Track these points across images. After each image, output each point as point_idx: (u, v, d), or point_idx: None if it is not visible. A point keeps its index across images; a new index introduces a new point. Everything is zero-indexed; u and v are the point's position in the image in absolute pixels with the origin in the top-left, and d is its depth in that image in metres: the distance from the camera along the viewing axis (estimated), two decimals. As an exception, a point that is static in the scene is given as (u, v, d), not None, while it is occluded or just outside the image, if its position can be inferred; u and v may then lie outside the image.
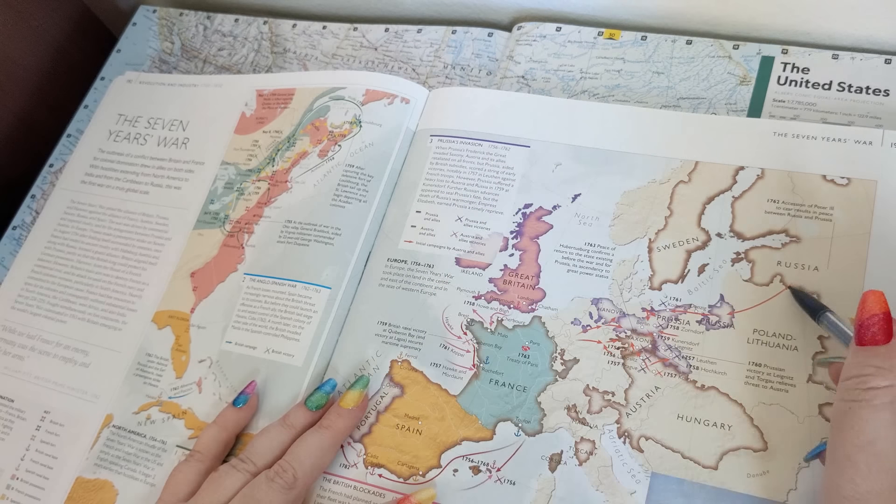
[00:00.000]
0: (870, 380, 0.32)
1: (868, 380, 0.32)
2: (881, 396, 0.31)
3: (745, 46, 0.51)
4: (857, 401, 0.32)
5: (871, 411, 0.31)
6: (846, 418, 0.32)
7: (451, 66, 0.57)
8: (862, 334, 0.33)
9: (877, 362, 0.32)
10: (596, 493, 0.39)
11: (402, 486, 0.41)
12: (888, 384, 0.31)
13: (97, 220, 0.56)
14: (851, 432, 0.31)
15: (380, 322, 0.46)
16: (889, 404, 0.31)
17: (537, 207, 0.47)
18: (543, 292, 0.44)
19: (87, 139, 0.61)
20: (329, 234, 0.49)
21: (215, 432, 0.43)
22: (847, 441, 0.31)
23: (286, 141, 0.54)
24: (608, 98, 0.52)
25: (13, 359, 0.52)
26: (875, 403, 0.31)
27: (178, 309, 0.50)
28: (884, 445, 0.30)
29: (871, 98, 0.47)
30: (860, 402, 0.31)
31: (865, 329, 0.33)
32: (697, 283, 0.42)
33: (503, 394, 0.42)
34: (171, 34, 0.66)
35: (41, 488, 0.47)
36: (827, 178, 0.43)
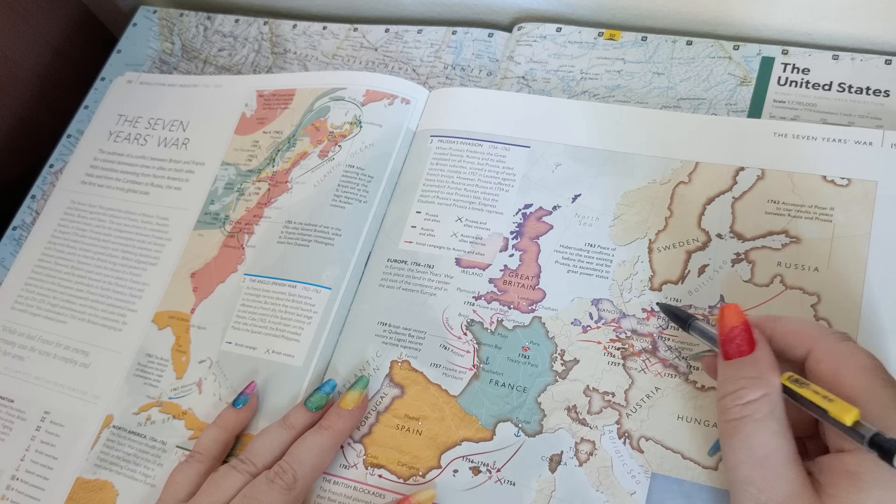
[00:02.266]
0: (745, 393, 0.32)
1: (743, 394, 0.32)
2: (760, 408, 0.31)
3: (745, 47, 0.51)
4: (739, 419, 0.32)
5: (756, 426, 0.31)
6: (734, 439, 0.32)
7: (451, 67, 0.57)
8: (727, 348, 0.34)
9: (746, 373, 0.33)
10: (596, 493, 0.39)
11: (402, 486, 0.41)
12: (763, 393, 0.32)
13: (97, 221, 0.56)
14: (743, 452, 0.31)
15: (380, 322, 0.46)
16: (770, 413, 0.31)
17: (537, 208, 0.47)
18: (543, 293, 0.44)
19: (88, 140, 0.61)
20: (329, 234, 0.49)
21: (215, 433, 0.43)
22: (741, 462, 0.31)
23: (286, 141, 0.54)
24: (608, 99, 0.52)
25: (13, 359, 0.52)
26: (757, 417, 0.31)
27: (178, 309, 0.50)
28: (777, 456, 0.30)
29: (871, 98, 0.47)
30: (743, 419, 0.32)
31: (729, 342, 0.34)
32: (697, 283, 0.42)
33: (503, 394, 0.42)
34: (171, 35, 0.66)
35: (41, 489, 0.47)
36: (827, 178, 0.43)
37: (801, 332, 0.33)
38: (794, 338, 0.33)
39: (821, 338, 0.33)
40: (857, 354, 0.32)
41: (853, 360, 0.31)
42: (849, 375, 0.31)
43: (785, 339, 0.34)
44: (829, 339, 0.32)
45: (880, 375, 0.31)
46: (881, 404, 0.29)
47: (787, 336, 0.34)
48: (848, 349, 0.32)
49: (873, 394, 0.30)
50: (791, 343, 0.33)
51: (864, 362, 0.31)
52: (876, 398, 0.30)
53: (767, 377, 0.32)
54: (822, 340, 0.32)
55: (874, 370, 0.31)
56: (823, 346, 0.32)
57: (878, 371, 0.31)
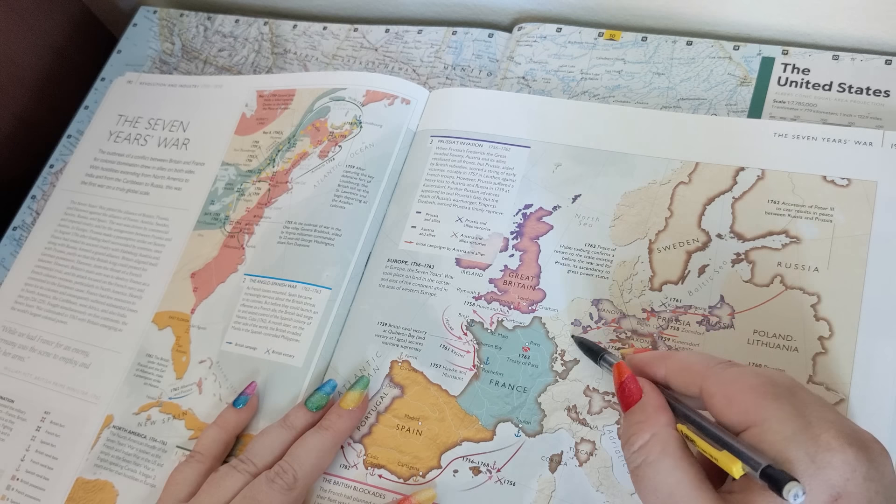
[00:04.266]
0: (635, 439, 0.33)
1: (634, 440, 0.33)
2: (651, 450, 0.32)
3: (745, 47, 0.51)
4: (638, 466, 0.32)
5: (652, 468, 0.31)
6: (640, 485, 0.32)
7: (451, 67, 0.57)
8: (622, 401, 0.35)
9: (636, 418, 0.33)
10: (596, 493, 0.39)
11: (403, 486, 0.41)
12: (650, 434, 0.32)
13: (97, 221, 0.56)
14: (651, 496, 0.31)
15: (380, 323, 0.46)
16: (662, 452, 0.32)
17: (537, 208, 0.47)
18: (544, 293, 0.44)
19: (88, 140, 0.61)
20: (329, 234, 0.49)
21: (215, 433, 0.43)
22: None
23: (286, 142, 0.54)
24: (608, 99, 0.52)
25: (13, 359, 0.52)
26: (650, 460, 0.32)
27: (178, 309, 0.50)
28: (681, 490, 0.30)
29: (871, 99, 0.47)
30: (640, 465, 0.32)
31: (621, 394, 0.35)
32: (698, 283, 0.42)
33: (503, 394, 0.42)
34: (171, 35, 0.66)
35: (41, 489, 0.47)
36: (827, 178, 0.43)
37: (689, 368, 0.34)
38: (685, 375, 0.34)
39: (707, 371, 0.33)
40: (743, 377, 0.31)
41: (740, 383, 0.31)
42: (739, 400, 0.31)
43: (678, 378, 0.34)
44: (715, 370, 0.32)
45: (769, 391, 0.30)
46: (774, 419, 0.29)
47: (679, 374, 0.34)
48: (733, 374, 0.32)
49: (764, 411, 0.30)
50: (684, 381, 0.34)
51: (750, 383, 0.31)
52: (767, 415, 0.30)
53: (654, 418, 0.33)
54: (708, 374, 0.32)
55: (762, 387, 0.31)
56: (711, 379, 0.32)
57: (767, 387, 0.31)
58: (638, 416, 0.33)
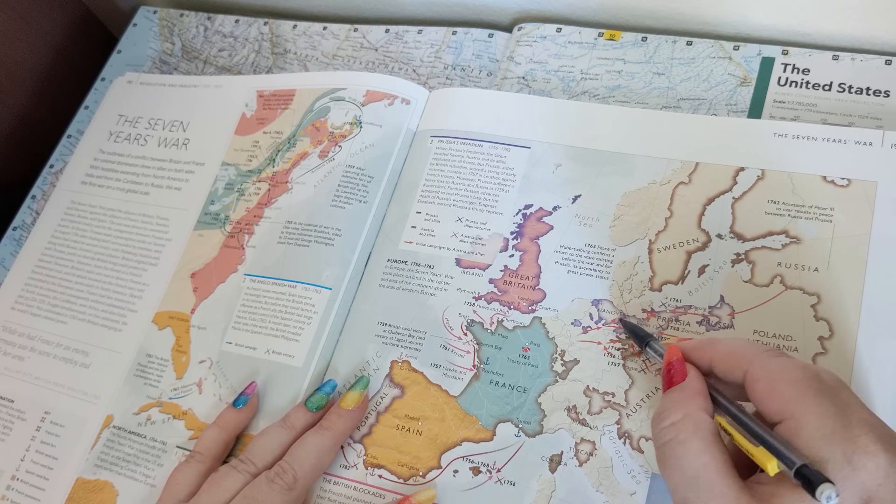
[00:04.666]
0: (667, 415, 0.33)
1: (665, 415, 0.33)
2: (683, 429, 0.32)
3: (745, 47, 0.51)
4: (665, 442, 0.32)
5: (682, 447, 0.31)
6: (666, 464, 0.32)
7: (451, 67, 0.57)
8: (665, 381, 0.35)
9: (674, 397, 0.34)
10: (596, 493, 0.39)
11: (403, 486, 0.41)
12: (683, 414, 0.32)
13: (97, 221, 0.56)
14: (676, 474, 0.31)
15: (380, 323, 0.46)
16: (694, 433, 0.32)
17: (538, 208, 0.47)
18: (544, 293, 0.44)
19: (88, 140, 0.61)
20: (329, 234, 0.49)
21: (215, 433, 0.43)
22: (677, 485, 0.31)
23: (286, 142, 0.54)
24: (608, 99, 0.52)
25: (13, 359, 0.52)
26: (681, 438, 0.32)
27: (178, 310, 0.50)
28: (706, 473, 0.30)
29: (871, 99, 0.47)
30: (668, 442, 0.32)
31: (666, 375, 0.35)
32: (698, 284, 0.42)
33: (503, 395, 0.42)
34: (171, 35, 0.66)
35: (41, 489, 0.47)
36: (827, 178, 0.43)
37: (736, 353, 0.34)
38: (731, 360, 0.34)
39: (754, 357, 0.33)
40: (789, 368, 0.32)
41: (784, 374, 0.31)
42: (781, 391, 0.31)
43: (724, 363, 0.34)
44: (762, 357, 0.33)
45: (812, 386, 0.30)
46: (814, 415, 0.29)
47: (725, 359, 0.34)
48: (779, 364, 0.32)
49: (805, 406, 0.30)
50: (729, 365, 0.34)
51: (795, 375, 0.31)
52: (808, 410, 0.30)
53: (691, 400, 0.33)
54: (755, 360, 0.33)
55: (806, 381, 0.31)
56: (757, 365, 0.32)
57: (811, 381, 0.31)
58: (676, 395, 0.34)
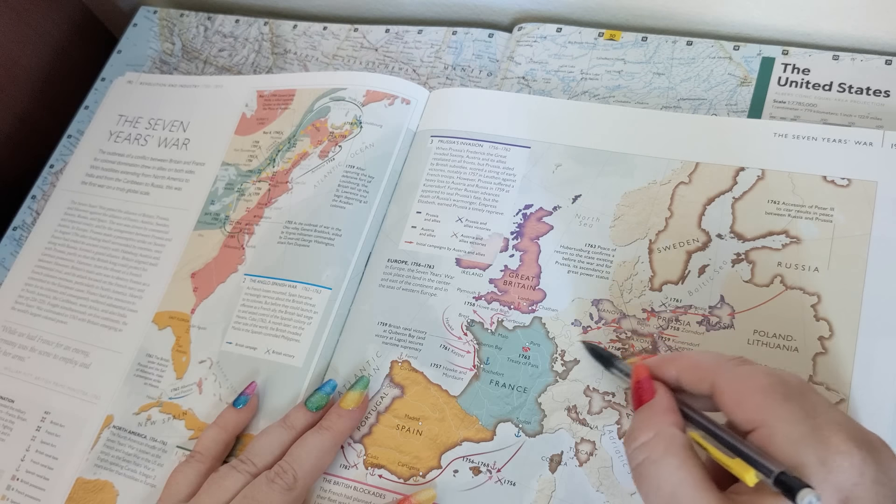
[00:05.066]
0: (638, 434, 0.32)
1: (637, 435, 0.32)
2: (655, 448, 0.31)
3: (745, 47, 0.51)
4: (640, 463, 0.32)
5: (655, 466, 0.31)
6: (642, 482, 0.32)
7: (451, 67, 0.57)
8: (635, 399, 0.35)
9: (643, 416, 0.33)
10: (596, 493, 0.39)
11: (403, 486, 0.41)
12: (654, 433, 0.32)
13: (98, 221, 0.56)
14: (653, 493, 0.31)
15: (380, 323, 0.46)
16: (665, 451, 0.31)
17: (538, 208, 0.47)
18: (544, 293, 0.44)
19: (88, 140, 0.61)
20: (329, 234, 0.49)
21: (215, 433, 0.43)
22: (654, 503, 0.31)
23: (287, 142, 0.54)
24: (609, 99, 0.52)
25: (14, 359, 0.52)
26: (654, 458, 0.31)
27: (178, 310, 0.50)
28: (685, 490, 0.30)
29: (871, 99, 0.47)
30: (642, 462, 0.32)
31: (634, 394, 0.35)
32: (698, 284, 0.42)
33: (503, 395, 0.42)
34: (171, 35, 0.66)
35: (41, 489, 0.47)
36: (827, 178, 0.43)
37: (700, 365, 0.34)
38: (696, 372, 0.34)
39: (718, 368, 0.33)
40: (753, 376, 0.31)
41: (750, 382, 0.31)
42: (749, 399, 0.31)
43: (689, 376, 0.34)
44: (726, 367, 0.32)
45: (779, 391, 0.30)
46: (784, 420, 0.29)
47: (690, 372, 0.34)
48: (744, 373, 0.32)
49: (774, 412, 0.30)
50: (696, 378, 0.34)
51: (760, 382, 0.31)
52: (777, 416, 0.30)
53: (660, 417, 0.33)
54: (719, 370, 0.32)
55: (772, 387, 0.30)
56: (721, 376, 0.32)
57: (777, 387, 0.30)
58: (645, 414, 0.33)
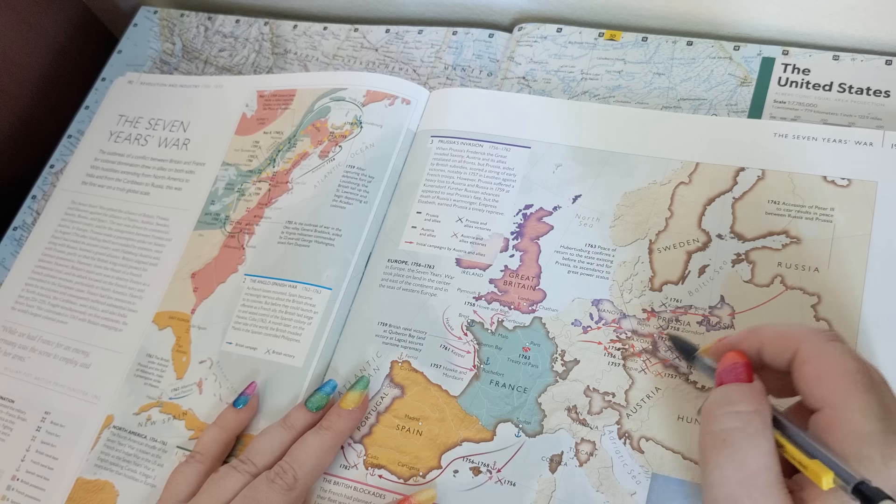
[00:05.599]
0: (737, 402, 0.30)
1: (735, 402, 0.31)
2: (753, 422, 0.30)
3: (745, 47, 0.51)
4: (730, 429, 0.30)
5: (749, 440, 0.29)
6: (722, 452, 0.30)
7: (451, 67, 0.57)
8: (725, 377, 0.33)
9: (743, 388, 0.31)
10: (596, 493, 0.39)
11: (403, 486, 0.41)
12: (755, 408, 0.30)
13: (98, 221, 0.56)
14: (731, 467, 0.29)
15: (380, 323, 0.46)
16: (763, 430, 0.30)
17: (538, 208, 0.47)
18: (544, 293, 0.44)
19: (88, 140, 0.61)
20: (329, 234, 0.49)
21: (215, 433, 0.43)
22: (727, 478, 0.29)
23: (287, 142, 0.54)
24: (609, 99, 0.52)
25: (14, 359, 0.52)
26: (750, 430, 0.30)
27: (178, 310, 0.50)
28: (766, 476, 0.29)
29: (871, 99, 0.47)
30: (733, 430, 0.30)
31: (728, 372, 0.33)
32: (698, 284, 0.42)
33: (503, 395, 0.42)
34: (171, 35, 0.66)
35: (41, 489, 0.47)
36: (827, 179, 0.43)
37: (787, 333, 0.32)
38: (782, 340, 0.32)
39: (808, 337, 0.31)
40: (842, 357, 0.30)
41: (836, 362, 0.30)
42: (831, 378, 0.30)
43: (774, 344, 0.33)
44: (817, 338, 0.31)
45: (861, 380, 0.29)
46: (859, 411, 0.29)
47: (775, 340, 0.33)
48: (834, 350, 0.31)
49: (852, 399, 0.29)
50: (780, 347, 0.32)
51: (847, 366, 0.30)
52: (854, 404, 0.29)
53: (760, 398, 0.31)
54: (808, 340, 0.31)
55: (857, 374, 0.30)
56: (810, 345, 0.31)
57: (861, 375, 0.30)
58: (745, 388, 0.31)
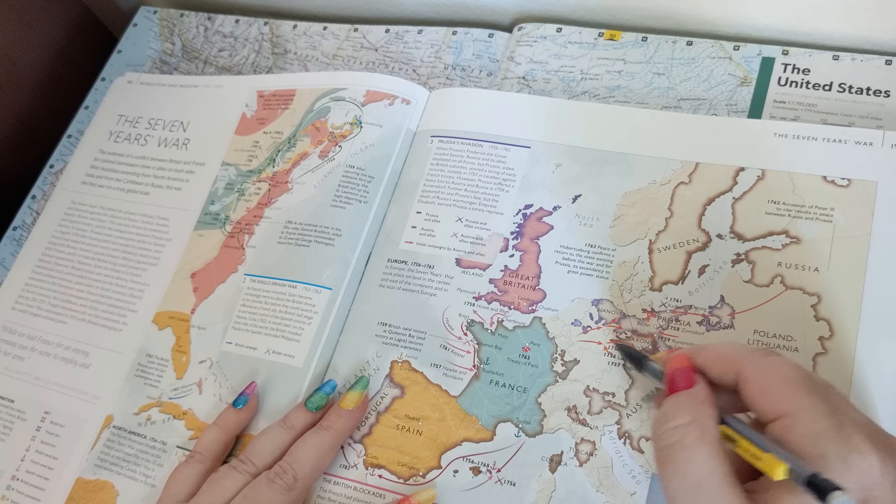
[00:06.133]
0: (674, 415, 0.32)
1: (673, 416, 0.32)
2: (690, 433, 0.31)
3: (745, 47, 0.51)
4: (670, 444, 0.31)
5: (687, 452, 0.31)
6: (668, 466, 0.31)
7: (451, 67, 0.57)
8: (670, 386, 0.34)
9: (681, 400, 0.33)
10: (596, 493, 0.39)
11: (403, 486, 0.41)
12: (692, 418, 0.31)
13: (98, 221, 0.56)
14: (677, 479, 0.30)
15: (380, 323, 0.46)
16: (700, 438, 0.31)
17: (538, 208, 0.47)
18: (544, 293, 0.44)
19: (88, 140, 0.61)
20: (329, 234, 0.49)
21: (215, 433, 0.43)
22: (677, 490, 0.30)
23: (287, 142, 0.54)
24: (609, 99, 0.52)
25: (14, 359, 0.52)
26: (687, 443, 0.31)
27: (178, 310, 0.50)
28: (712, 480, 0.29)
29: (871, 99, 0.47)
30: (673, 444, 0.31)
31: (671, 381, 0.34)
32: (698, 284, 0.42)
33: (503, 395, 0.42)
34: (171, 35, 0.66)
35: (41, 489, 0.47)
36: (827, 179, 0.43)
37: (725, 355, 0.34)
38: (722, 363, 0.33)
39: (745, 358, 0.33)
40: (781, 367, 0.31)
41: (777, 373, 0.31)
42: (775, 389, 0.31)
43: (715, 366, 0.34)
44: (753, 357, 0.32)
45: (805, 384, 0.30)
46: (808, 412, 0.29)
47: (716, 362, 0.34)
48: (771, 363, 0.32)
49: (799, 403, 0.30)
50: (721, 369, 0.33)
51: (787, 373, 0.31)
52: (803, 407, 0.30)
53: (698, 406, 0.32)
54: (746, 360, 0.32)
55: (798, 379, 0.31)
56: (748, 365, 0.32)
57: (803, 380, 0.31)
58: (683, 399, 0.33)
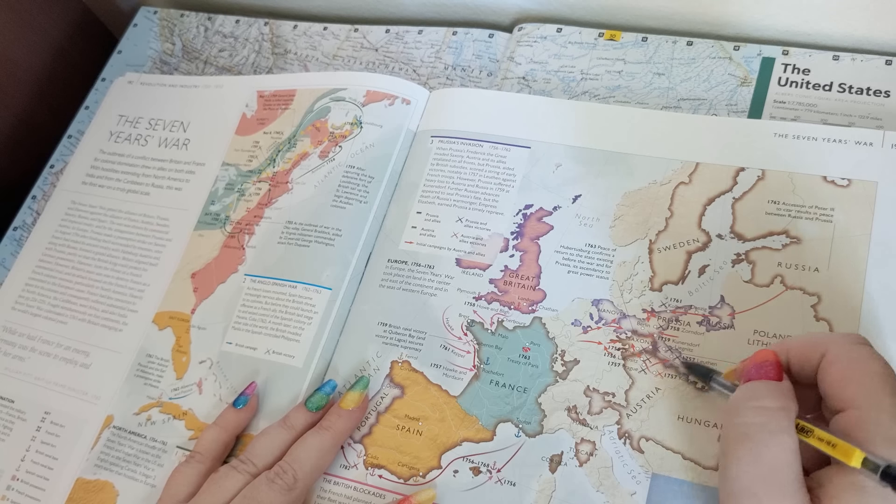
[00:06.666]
0: (763, 398, 0.31)
1: (761, 398, 0.31)
2: (778, 419, 0.30)
3: (745, 47, 0.51)
4: (753, 423, 0.30)
5: (772, 437, 0.29)
6: (743, 446, 0.30)
7: (451, 67, 0.57)
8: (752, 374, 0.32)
9: (770, 386, 0.32)
10: (596, 493, 0.39)
11: (403, 486, 0.41)
12: (781, 405, 0.30)
13: (98, 221, 0.56)
14: (751, 461, 0.29)
15: (380, 323, 0.46)
16: (787, 429, 0.30)
17: (538, 208, 0.47)
18: (544, 293, 0.44)
19: (88, 140, 0.61)
20: (330, 234, 0.49)
21: (215, 433, 0.43)
22: (746, 472, 0.29)
23: (287, 142, 0.54)
24: (609, 99, 0.52)
25: (14, 360, 0.52)
26: (772, 427, 0.30)
27: (178, 310, 0.50)
28: (786, 473, 0.29)
29: (871, 99, 0.47)
30: (757, 425, 0.30)
31: (757, 368, 0.33)
32: (698, 284, 0.42)
33: (503, 395, 0.42)
34: (171, 35, 0.66)
35: (41, 489, 0.47)
36: (827, 179, 0.43)
37: (816, 339, 0.33)
38: (809, 346, 0.33)
39: (836, 340, 0.32)
40: (870, 360, 0.31)
41: (864, 364, 0.31)
42: (857, 380, 0.30)
43: (800, 351, 0.33)
44: (845, 340, 0.32)
45: (889, 383, 0.30)
46: (886, 413, 0.29)
47: (803, 347, 0.33)
48: (861, 353, 0.31)
49: (878, 402, 0.29)
50: (806, 352, 0.33)
51: (874, 368, 0.30)
52: (881, 406, 0.29)
53: (787, 397, 0.31)
54: (837, 342, 0.32)
55: (884, 377, 0.30)
56: (838, 347, 0.32)
57: (888, 379, 0.30)
58: (773, 387, 0.31)
